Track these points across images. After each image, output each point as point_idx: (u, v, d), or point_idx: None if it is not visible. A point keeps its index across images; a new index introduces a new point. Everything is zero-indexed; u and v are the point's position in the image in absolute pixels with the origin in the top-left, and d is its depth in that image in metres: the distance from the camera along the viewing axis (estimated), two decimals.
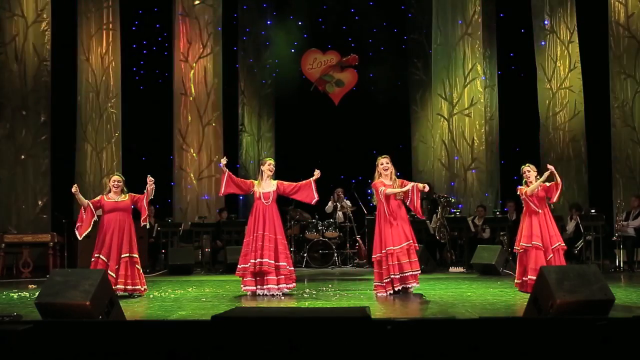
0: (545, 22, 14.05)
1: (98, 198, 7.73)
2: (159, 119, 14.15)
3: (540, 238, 7.40)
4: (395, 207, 7.38)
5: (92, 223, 7.62)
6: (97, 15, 13.58)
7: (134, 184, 8.71)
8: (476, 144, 13.51)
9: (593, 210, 10.95)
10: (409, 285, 7.27)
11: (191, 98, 13.87)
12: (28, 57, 12.76)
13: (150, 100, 14.41)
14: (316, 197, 7.71)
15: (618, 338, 4.26)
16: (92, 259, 7.46)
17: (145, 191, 7.72)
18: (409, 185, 7.51)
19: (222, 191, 7.77)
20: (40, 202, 12.70)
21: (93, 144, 13.42)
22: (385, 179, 7.48)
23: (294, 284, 7.63)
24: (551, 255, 7.35)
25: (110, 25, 13.65)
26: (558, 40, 13.91)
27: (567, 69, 13.82)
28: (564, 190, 13.63)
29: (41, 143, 12.78)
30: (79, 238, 7.72)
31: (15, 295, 7.66)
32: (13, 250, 11.06)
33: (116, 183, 7.65)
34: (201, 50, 13.93)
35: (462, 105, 13.62)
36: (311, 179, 7.65)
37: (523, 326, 4.50)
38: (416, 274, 7.33)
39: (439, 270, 10.80)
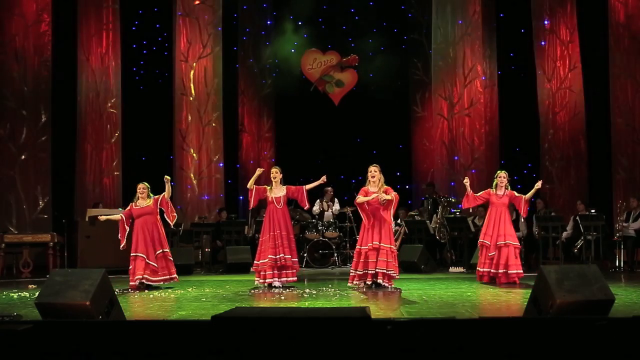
0: (545, 22, 14.05)
1: (128, 207, 8.62)
2: (159, 119, 14.14)
3: (490, 236, 8.55)
4: (372, 211, 8.00)
5: (127, 233, 8.52)
6: (97, 15, 13.60)
7: (133, 184, 8.89)
8: (476, 144, 13.51)
9: (593, 210, 10.95)
10: (379, 281, 7.89)
11: (191, 98, 13.88)
12: (28, 57, 12.77)
13: (150, 100, 14.40)
14: (307, 204, 8.63)
15: (618, 338, 4.26)
16: (130, 258, 8.37)
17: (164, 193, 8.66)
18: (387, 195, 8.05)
19: (252, 204, 8.61)
20: (40, 202, 12.71)
21: (93, 144, 13.43)
22: (373, 186, 8.11)
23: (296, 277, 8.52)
24: (494, 252, 8.48)
25: (110, 25, 13.66)
26: (558, 40, 13.91)
27: (567, 69, 13.82)
28: (563, 191, 13.77)
29: (41, 143, 12.79)
30: (122, 248, 8.56)
31: (15, 295, 7.66)
32: (13, 250, 11.05)
33: (142, 190, 8.57)
34: (201, 50, 13.94)
35: (462, 105, 13.62)
36: (304, 187, 8.46)
37: (523, 326, 4.50)
38: (387, 273, 7.85)
39: (439, 270, 10.79)
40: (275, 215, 8.28)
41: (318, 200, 12.53)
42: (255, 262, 8.39)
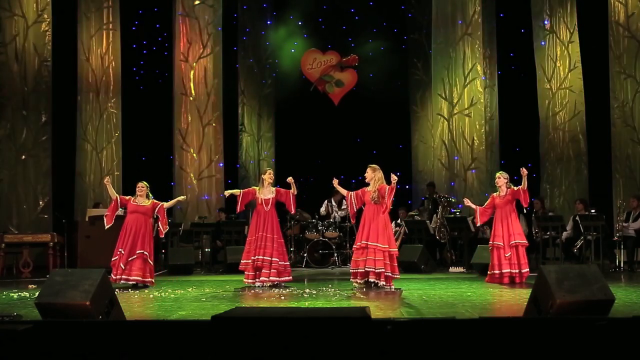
0: (545, 22, 14.05)
1: (127, 198, 8.77)
2: (159, 119, 14.15)
3: (502, 237, 8.58)
4: (367, 211, 8.08)
5: (115, 216, 8.71)
6: (97, 15, 13.60)
7: (133, 184, 8.94)
8: (476, 144, 13.51)
9: (593, 210, 10.94)
10: (371, 280, 7.86)
11: (191, 98, 13.88)
12: (28, 57, 12.77)
13: (150, 100, 14.41)
14: (293, 210, 8.72)
15: (618, 338, 4.26)
16: (115, 251, 8.52)
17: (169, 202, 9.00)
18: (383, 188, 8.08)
19: (240, 208, 8.70)
20: (41, 202, 12.71)
21: (93, 144, 13.44)
22: (370, 186, 8.17)
23: (290, 277, 8.48)
24: (509, 252, 8.48)
25: (110, 25, 13.66)
26: (558, 40, 13.91)
27: (567, 69, 13.82)
28: (563, 191, 13.76)
29: (42, 143, 12.79)
30: (106, 227, 8.75)
31: (15, 295, 7.66)
32: (13, 250, 11.04)
33: (140, 188, 8.71)
34: (201, 50, 13.94)
35: (462, 105, 13.62)
36: (291, 191, 8.50)
37: (523, 326, 4.50)
38: (376, 271, 7.80)
39: (439, 270, 10.79)
40: (262, 217, 8.37)
41: (326, 202, 12.54)
42: (241, 261, 8.52)
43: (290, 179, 8.39)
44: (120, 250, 8.47)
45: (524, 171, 8.57)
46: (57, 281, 5.11)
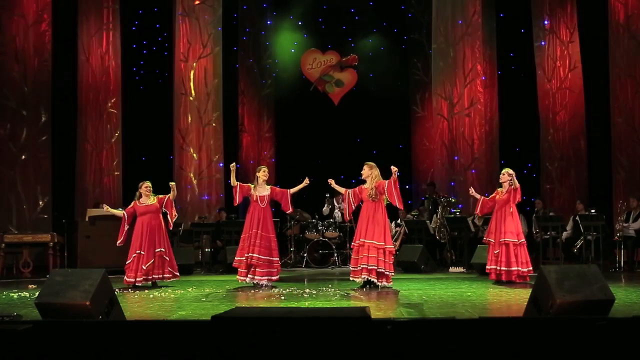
0: (545, 22, 14.06)
1: (131, 205, 8.74)
2: (159, 119, 14.15)
3: (493, 234, 8.60)
4: (364, 209, 8.03)
5: (126, 232, 8.69)
6: (97, 15, 13.61)
7: (133, 184, 8.95)
8: (476, 144, 13.51)
9: (593, 210, 10.95)
10: (372, 279, 7.77)
11: (191, 98, 13.89)
12: (28, 57, 12.77)
13: (150, 100, 14.40)
14: (290, 208, 8.66)
15: (618, 338, 4.26)
16: (133, 255, 8.44)
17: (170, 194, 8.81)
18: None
19: (237, 201, 8.65)
20: (40, 202, 12.71)
21: (93, 144, 13.44)
22: (367, 184, 8.10)
23: (278, 277, 8.50)
24: (497, 250, 8.47)
25: (110, 25, 13.67)
26: (558, 40, 13.92)
27: (567, 69, 13.83)
28: (563, 191, 13.76)
29: (42, 143, 12.80)
30: (117, 244, 8.74)
31: (15, 295, 7.66)
32: (13, 250, 11.05)
33: (148, 189, 8.72)
34: (201, 50, 13.94)
35: (462, 105, 13.62)
36: (288, 190, 8.51)
37: (523, 326, 4.50)
38: (369, 268, 7.77)
39: (439, 270, 10.79)
40: (257, 214, 8.35)
41: (326, 203, 12.52)
42: (235, 258, 8.50)
43: (306, 180, 8.41)
44: (138, 251, 8.42)
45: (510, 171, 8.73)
46: (57, 281, 5.11)
